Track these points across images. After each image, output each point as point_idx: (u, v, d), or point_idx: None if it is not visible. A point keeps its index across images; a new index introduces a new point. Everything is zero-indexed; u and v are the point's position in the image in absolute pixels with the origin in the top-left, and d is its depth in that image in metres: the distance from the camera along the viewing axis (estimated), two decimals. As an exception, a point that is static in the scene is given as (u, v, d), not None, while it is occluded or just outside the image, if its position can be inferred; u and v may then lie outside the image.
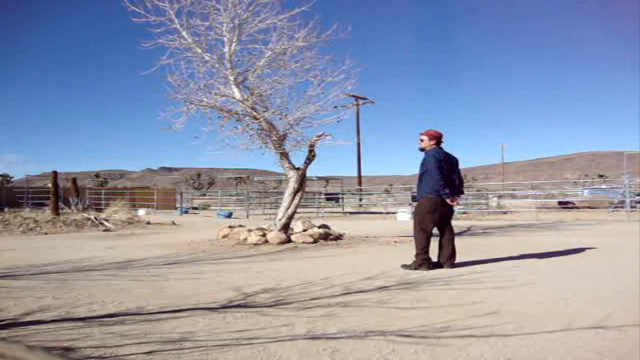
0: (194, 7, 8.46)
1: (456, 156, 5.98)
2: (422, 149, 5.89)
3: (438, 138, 5.86)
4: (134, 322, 3.31)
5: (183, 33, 8.52)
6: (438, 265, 5.72)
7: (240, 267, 6.04)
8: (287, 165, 9.20)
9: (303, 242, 8.61)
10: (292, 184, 9.13)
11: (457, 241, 6.00)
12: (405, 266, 5.69)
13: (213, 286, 4.68)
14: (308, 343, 2.83)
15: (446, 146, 5.93)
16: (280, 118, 9.03)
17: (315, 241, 8.70)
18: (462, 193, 6.16)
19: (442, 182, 5.54)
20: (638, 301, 3.89)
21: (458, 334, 2.97)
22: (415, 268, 5.56)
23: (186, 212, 25.11)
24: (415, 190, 6.08)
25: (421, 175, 5.78)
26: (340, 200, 29.85)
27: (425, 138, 5.88)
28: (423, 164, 5.78)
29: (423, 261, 5.59)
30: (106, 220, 13.81)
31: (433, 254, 5.72)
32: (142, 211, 22.79)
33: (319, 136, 9.07)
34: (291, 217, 9.17)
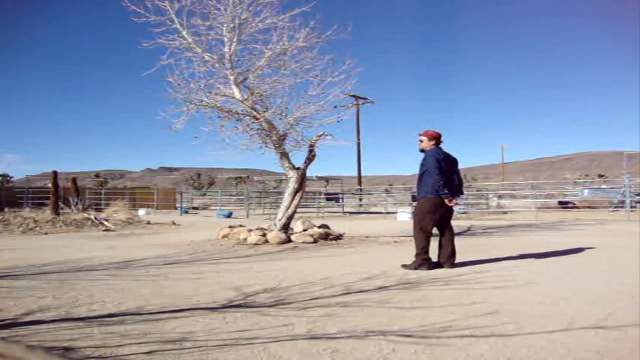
0: (194, 7, 8.48)
1: (455, 156, 5.98)
2: (422, 150, 5.89)
3: (437, 138, 5.86)
4: (134, 322, 3.31)
5: (184, 33, 8.52)
6: (438, 265, 5.72)
7: (240, 267, 6.04)
8: (287, 165, 9.20)
9: (303, 242, 8.61)
10: (292, 184, 9.13)
11: (457, 241, 6.00)
12: (405, 266, 5.69)
13: (213, 286, 4.68)
14: (308, 343, 2.83)
15: (445, 146, 5.94)
16: (280, 118, 9.04)
17: (315, 241, 8.70)
18: (462, 193, 6.16)
19: (442, 182, 5.54)
20: (638, 301, 3.89)
21: (458, 334, 2.97)
22: (415, 268, 5.56)
23: (186, 212, 25.12)
24: (415, 190, 6.08)
25: (421, 175, 5.78)
26: (340, 200, 29.82)
27: (424, 139, 5.88)
28: (422, 164, 5.78)
29: (423, 261, 5.59)
30: (106, 220, 13.81)
31: (433, 254, 5.72)
32: (142, 211, 22.79)
33: (319, 136, 9.08)
34: (291, 217, 9.17)
